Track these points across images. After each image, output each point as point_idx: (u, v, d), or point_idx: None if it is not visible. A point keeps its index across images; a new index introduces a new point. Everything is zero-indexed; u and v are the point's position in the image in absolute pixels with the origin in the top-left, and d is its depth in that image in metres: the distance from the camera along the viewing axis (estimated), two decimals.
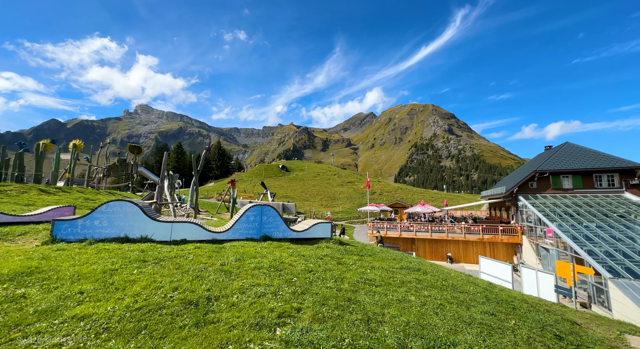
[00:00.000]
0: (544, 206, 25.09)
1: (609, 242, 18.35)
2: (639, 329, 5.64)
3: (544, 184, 27.86)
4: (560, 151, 29.57)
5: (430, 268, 6.55)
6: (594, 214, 22.48)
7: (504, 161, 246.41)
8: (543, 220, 23.38)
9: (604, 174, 26.03)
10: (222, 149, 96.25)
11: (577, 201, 25.22)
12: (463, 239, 30.05)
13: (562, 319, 4.84)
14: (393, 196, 64.02)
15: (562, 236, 20.02)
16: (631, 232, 19.23)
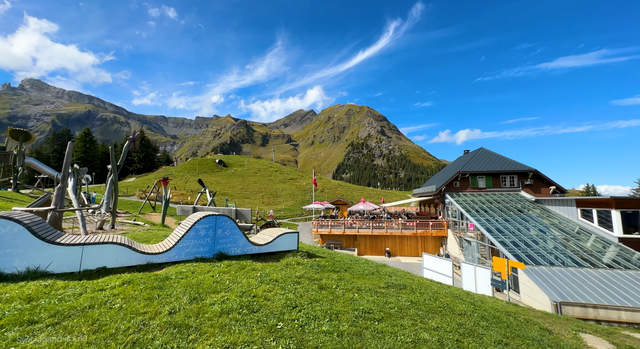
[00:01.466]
0: (465, 203, 28.69)
1: (515, 233, 21.85)
2: (588, 326, 6.31)
3: (465, 184, 31.96)
4: (476, 155, 34.36)
5: (409, 281, 6.17)
6: (502, 210, 26.63)
7: (425, 161, 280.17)
8: (465, 215, 26.68)
9: (507, 176, 31.23)
10: (147, 140, 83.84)
11: (489, 198, 29.60)
12: (400, 234, 32.36)
13: (541, 328, 4.95)
14: (334, 193, 65.72)
15: (481, 229, 23.08)
16: (527, 224, 23.31)
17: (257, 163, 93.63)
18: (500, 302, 6.71)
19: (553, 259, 18.11)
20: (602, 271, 16.66)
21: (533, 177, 30.26)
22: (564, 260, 17.96)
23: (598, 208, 21.34)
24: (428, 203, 40.89)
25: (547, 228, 22.46)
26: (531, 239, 20.82)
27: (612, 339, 5.37)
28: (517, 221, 24.03)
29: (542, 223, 23.38)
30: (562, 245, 19.82)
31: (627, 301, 14.24)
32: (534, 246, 19.96)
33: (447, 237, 31.20)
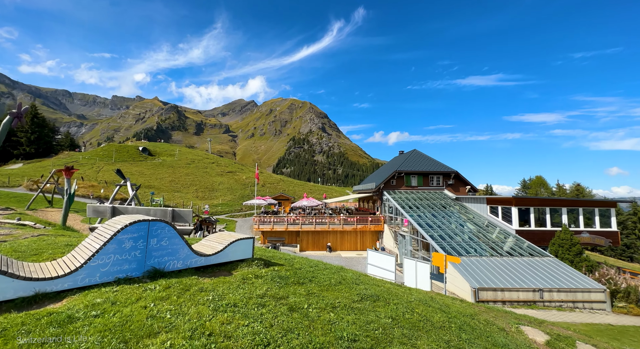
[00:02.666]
0: (400, 200, 31.07)
1: (441, 227, 24.50)
2: (527, 318, 7.01)
3: (400, 182, 34.64)
4: (410, 156, 37.60)
5: (376, 288, 5.86)
6: (430, 206, 29.67)
7: (361, 159, 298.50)
8: (401, 211, 28.87)
9: (435, 176, 35.05)
10: (41, 117, 67.26)
11: (419, 195, 32.71)
12: (341, 230, 33.28)
13: (499, 329, 5.18)
14: (276, 188, 64.21)
15: (414, 224, 25.23)
16: (450, 219, 26.44)
17: (191, 153, 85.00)
18: (454, 301, 7.00)
19: (470, 250, 20.86)
20: (505, 259, 19.85)
21: (454, 177, 34.62)
22: (477, 250, 20.85)
23: (502, 205, 25.53)
24: (367, 199, 43.18)
25: (465, 222, 25.86)
26: (453, 232, 23.64)
27: (543, 328, 6.05)
28: (442, 217, 27.06)
29: (461, 218, 26.83)
30: (476, 237, 23.02)
31: (522, 283, 17.19)
32: (456, 238, 22.70)
33: (383, 231, 33.40)
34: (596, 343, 5.67)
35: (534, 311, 15.83)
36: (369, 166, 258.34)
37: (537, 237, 22.88)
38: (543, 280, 17.42)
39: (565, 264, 19.23)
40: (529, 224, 23.74)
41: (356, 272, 7.99)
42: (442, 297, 6.92)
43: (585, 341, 5.64)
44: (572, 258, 19.84)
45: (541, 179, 71.40)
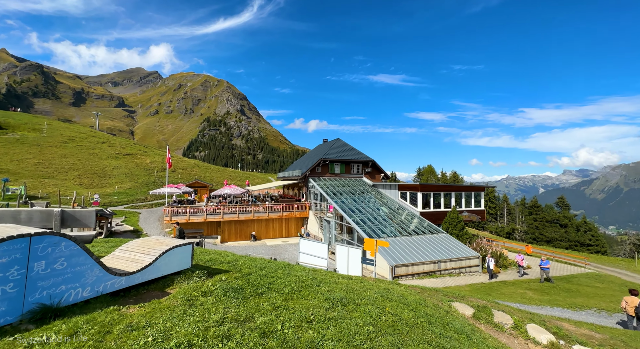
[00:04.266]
0: (325, 187, 32.21)
1: (362, 212, 26.61)
2: (450, 294, 8.00)
3: (325, 169, 35.81)
4: (334, 145, 39.17)
5: (340, 288, 5.59)
6: (352, 193, 31.82)
7: (282, 145, 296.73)
8: (326, 198, 29.97)
9: (355, 164, 37.65)
10: None
11: (342, 182, 34.65)
12: (266, 218, 32.39)
13: (445, 311, 5.68)
14: (189, 174, 57.29)
15: (339, 210, 26.61)
16: (369, 204, 29.03)
17: (68, 129, 66.61)
18: (399, 287, 7.44)
19: (386, 231, 23.40)
20: (413, 237, 23.08)
21: (371, 166, 37.99)
22: (392, 231, 23.59)
23: (410, 191, 29.52)
24: (292, 186, 43.19)
25: (380, 207, 28.82)
26: (373, 217, 26.04)
27: (467, 302, 7.08)
28: (362, 202, 29.42)
29: (377, 203, 29.76)
30: (390, 219, 25.98)
31: (426, 257, 20.34)
32: (375, 222, 25.07)
33: (308, 218, 34.17)
34: (503, 308, 7.00)
35: (434, 280, 19.10)
36: (289, 152, 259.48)
37: (435, 217, 27.55)
38: (440, 253, 21.12)
39: (453, 238, 23.81)
40: (429, 207, 28.33)
41: (303, 267, 7.62)
42: (384, 284, 7.27)
43: (496, 308, 6.87)
44: (458, 233, 24.73)
45: (431, 167, 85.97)
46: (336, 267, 14.64)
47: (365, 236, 21.84)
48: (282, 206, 32.90)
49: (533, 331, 5.83)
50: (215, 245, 28.73)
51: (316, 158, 35.93)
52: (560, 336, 5.78)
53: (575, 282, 18.69)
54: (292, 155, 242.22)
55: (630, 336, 6.35)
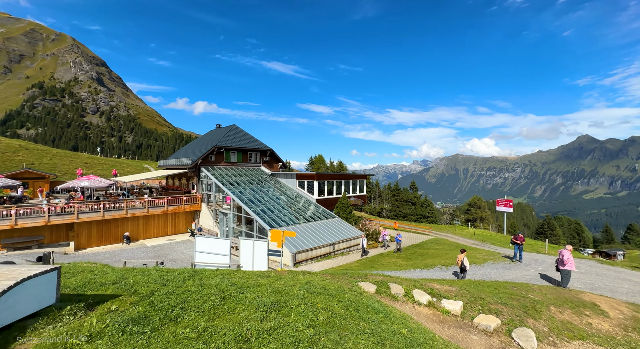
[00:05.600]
0: (221, 177, 29.78)
1: (262, 202, 26.23)
2: (355, 275, 8.89)
3: (220, 158, 32.91)
4: (230, 132, 36.41)
5: (266, 292, 5.25)
6: (251, 182, 30.76)
7: (160, 127, 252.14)
8: (222, 188, 27.79)
9: (253, 153, 36.40)
10: None
11: (239, 172, 32.91)
12: (145, 214, 27.20)
13: (359, 293, 6.29)
14: (11, 161, 40.58)
15: (237, 201, 25.29)
16: (268, 194, 28.94)
17: None
18: (315, 276, 7.71)
19: (287, 220, 24.03)
20: (311, 223, 24.64)
21: (270, 155, 37.67)
22: (292, 219, 24.43)
23: (307, 180, 31.16)
24: (179, 177, 37.63)
25: (280, 196, 29.22)
26: (273, 206, 26.09)
27: (369, 280, 8.14)
28: (262, 192, 28.97)
29: (277, 192, 30.00)
30: (289, 208, 26.77)
31: (323, 241, 22.19)
32: (275, 211, 25.23)
33: (200, 211, 30.86)
34: (395, 280, 8.45)
35: (329, 261, 21.17)
36: (171, 136, 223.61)
37: (328, 203, 30.27)
38: (334, 235, 23.50)
39: (344, 221, 26.94)
40: (324, 194, 30.82)
41: (214, 272, 6.80)
42: (302, 276, 7.44)
43: (390, 281, 8.22)
44: (347, 216, 28.15)
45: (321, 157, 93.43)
46: (240, 263, 13.92)
47: (266, 226, 21.69)
48: (167, 199, 28.28)
49: (417, 296, 7.33)
50: (67, 254, 21.98)
51: (209, 145, 32.45)
52: (433, 294, 7.51)
53: (425, 247, 24.85)
54: (175, 140, 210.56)
55: (469, 284, 9.02)
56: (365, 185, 36.46)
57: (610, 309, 7.90)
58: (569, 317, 7.35)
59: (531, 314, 7.08)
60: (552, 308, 7.57)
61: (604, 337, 6.65)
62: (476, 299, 7.50)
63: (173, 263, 19.97)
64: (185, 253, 23.13)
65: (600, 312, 7.70)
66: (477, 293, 7.92)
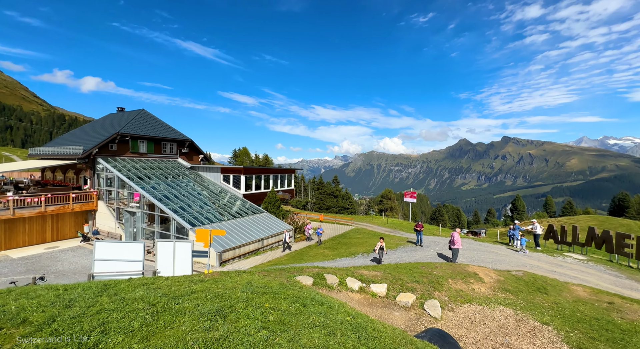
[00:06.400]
0: (127, 170, 25.34)
1: (181, 199, 23.63)
2: (292, 270, 8.94)
3: (124, 148, 27.82)
4: (138, 117, 31.09)
5: (205, 298, 4.81)
6: (165, 176, 27.21)
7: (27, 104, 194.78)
8: (129, 183, 23.71)
9: (168, 143, 32.14)
10: None
11: (151, 164, 28.65)
12: (10, 217, 20.98)
13: (300, 287, 6.41)
14: None
15: (149, 198, 22.09)
16: (188, 189, 26.27)
17: None
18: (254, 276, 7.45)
19: (211, 217, 22.36)
20: (238, 220, 23.58)
21: (189, 146, 33.96)
22: (217, 216, 22.85)
23: (234, 174, 29.48)
24: (64, 169, 30.11)
25: (202, 191, 26.88)
26: (194, 203, 23.79)
27: (305, 273, 8.39)
28: (181, 187, 26.03)
29: (198, 187, 27.44)
30: (213, 204, 24.92)
31: (251, 237, 21.61)
32: (197, 208, 23.11)
33: (96, 210, 25.62)
34: (329, 271, 8.94)
35: (259, 257, 20.74)
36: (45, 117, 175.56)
37: (256, 198, 29.41)
38: (263, 231, 23.08)
39: (272, 216, 26.71)
40: (252, 189, 29.76)
41: (133, 282, 5.87)
42: (241, 277, 7.13)
43: (325, 272, 8.67)
44: (275, 211, 28.00)
45: (246, 150, 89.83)
46: (157, 268, 12.27)
47: (187, 225, 19.67)
48: (47, 196, 22.35)
49: (350, 283, 7.97)
50: None
51: (109, 132, 26.98)
52: (363, 280, 8.31)
53: (348, 237, 26.99)
54: (52, 122, 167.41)
55: (390, 268, 10.32)
56: (293, 179, 36.87)
57: (485, 276, 10.32)
58: (460, 286, 9.27)
59: (436, 288, 8.63)
60: (450, 281, 9.40)
61: (482, 298, 8.66)
62: (397, 280, 8.65)
63: (60, 276, 16.12)
64: (77, 263, 18.92)
65: (479, 279, 9.98)
66: (397, 274, 9.14)
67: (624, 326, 7.24)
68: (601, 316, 7.79)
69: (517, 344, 6.41)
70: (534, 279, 10.55)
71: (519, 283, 10.03)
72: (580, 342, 6.45)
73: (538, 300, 8.80)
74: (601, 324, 7.27)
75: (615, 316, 7.90)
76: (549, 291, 9.59)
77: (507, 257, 14.93)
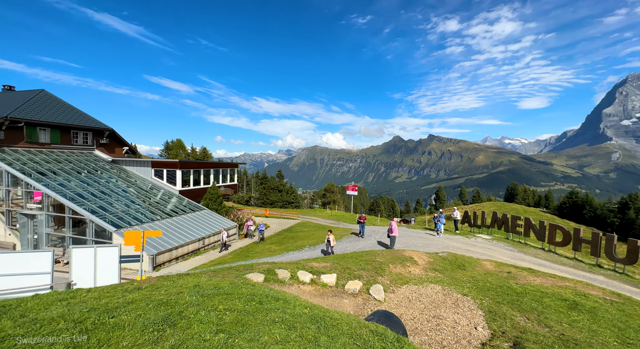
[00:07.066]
0: (21, 163, 20.65)
1: (101, 198, 20.43)
2: (242, 268, 8.58)
3: (16, 136, 22.50)
4: (36, 99, 25.38)
5: (159, 307, 4.29)
6: (79, 172, 23.09)
7: None
8: (25, 180, 19.39)
9: (81, 132, 27.17)
10: None
11: (58, 157, 23.90)
12: None
13: (251, 284, 6.22)
14: None
15: (56, 197, 18.56)
16: (110, 186, 22.87)
17: None
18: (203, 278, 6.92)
19: (140, 217, 19.92)
20: (174, 219, 21.57)
21: (109, 136, 29.31)
22: (147, 215, 20.48)
23: (168, 169, 26.62)
24: None
25: (128, 188, 23.67)
26: (118, 202, 20.82)
27: (256, 271, 8.19)
28: (100, 184, 22.47)
29: (122, 184, 24.04)
30: (143, 202, 22.23)
31: (190, 236, 20.09)
32: (122, 207, 20.31)
33: None
34: (280, 266, 8.90)
35: (199, 257, 19.35)
36: None
37: (195, 195, 27.18)
38: (203, 229, 21.56)
39: (214, 213, 25.13)
40: (189, 185, 27.34)
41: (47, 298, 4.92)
42: (186, 280, 6.58)
43: (275, 267, 8.60)
44: (217, 207, 26.41)
45: (180, 142, 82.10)
46: (72, 280, 10.42)
47: (110, 227, 17.12)
48: None
49: (302, 276, 8.10)
50: None
51: None
52: (314, 272, 8.53)
53: (294, 230, 27.20)
54: None
55: (338, 258, 10.81)
56: (235, 174, 35.19)
57: (418, 259, 11.65)
58: (399, 269, 10.29)
59: (380, 273, 9.40)
60: (390, 266, 10.34)
61: (417, 278, 9.78)
62: (345, 269, 9.13)
63: None
64: None
65: (414, 262, 11.23)
66: (345, 264, 9.63)
67: (518, 290, 9.07)
68: (503, 284, 9.60)
69: (445, 314, 7.46)
70: (455, 258, 12.35)
71: (445, 263, 11.62)
72: (489, 306, 7.85)
73: (459, 276, 10.36)
74: (503, 290, 8.97)
75: (512, 282, 9.83)
76: (466, 267, 11.36)
77: (434, 241, 17.10)
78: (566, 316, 6.85)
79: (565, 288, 9.02)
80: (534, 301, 7.83)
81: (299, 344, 3.37)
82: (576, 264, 14.38)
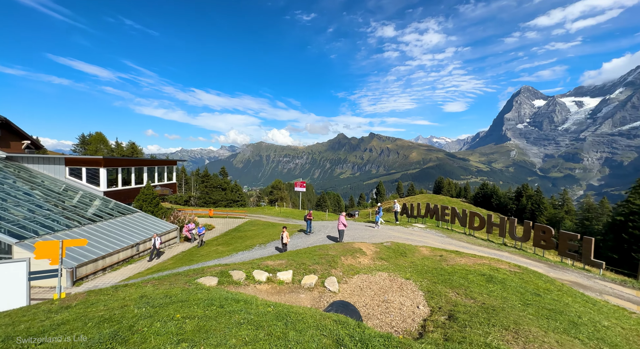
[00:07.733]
0: None
1: None
2: (191, 273, 7.94)
3: None
4: None
5: (103, 323, 3.74)
6: None
7: None
8: None
9: None
10: None
11: None
12: None
13: (205, 288, 5.88)
14: None
15: None
16: (3, 188, 18.72)
17: None
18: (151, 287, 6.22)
19: (52, 224, 16.86)
20: (98, 224, 18.78)
21: (2, 127, 23.71)
22: (61, 222, 17.42)
23: (88, 167, 22.84)
24: None
25: (32, 191, 19.71)
26: (19, 207, 17.19)
27: (207, 274, 7.74)
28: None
29: (25, 185, 19.90)
30: (55, 206, 18.81)
31: (121, 243, 17.83)
32: (27, 214, 16.86)
33: None
34: (234, 267, 8.56)
35: (133, 266, 17.23)
36: None
37: (124, 196, 23.94)
38: (137, 234, 19.24)
39: (150, 215, 22.58)
40: (117, 185, 23.93)
41: None
42: (133, 290, 5.88)
43: (229, 269, 8.26)
44: (153, 209, 23.80)
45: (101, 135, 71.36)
46: None
47: (8, 237, 14.05)
48: None
49: (257, 275, 7.97)
50: None
51: None
52: (269, 271, 8.47)
53: (243, 230, 26.23)
54: None
55: (292, 255, 10.89)
56: (174, 172, 32.15)
57: (367, 250, 12.51)
58: (350, 261, 10.90)
59: (333, 266, 9.82)
60: (342, 258, 10.88)
61: (366, 268, 10.52)
62: (300, 265, 9.29)
63: None
64: None
65: (363, 253, 12.02)
66: (300, 259, 9.79)
67: (448, 270, 10.52)
68: (437, 266, 11.00)
69: (392, 298, 8.25)
70: (397, 246, 13.63)
71: (389, 251, 12.73)
72: (428, 287, 8.95)
73: (402, 262, 11.49)
74: (438, 272, 10.30)
75: (444, 264, 11.34)
76: (407, 254, 12.65)
77: (379, 232, 18.50)
78: (485, 288, 8.24)
79: (482, 265, 10.78)
80: (462, 278, 9.19)
81: (269, 342, 3.40)
82: (489, 244, 17.26)
